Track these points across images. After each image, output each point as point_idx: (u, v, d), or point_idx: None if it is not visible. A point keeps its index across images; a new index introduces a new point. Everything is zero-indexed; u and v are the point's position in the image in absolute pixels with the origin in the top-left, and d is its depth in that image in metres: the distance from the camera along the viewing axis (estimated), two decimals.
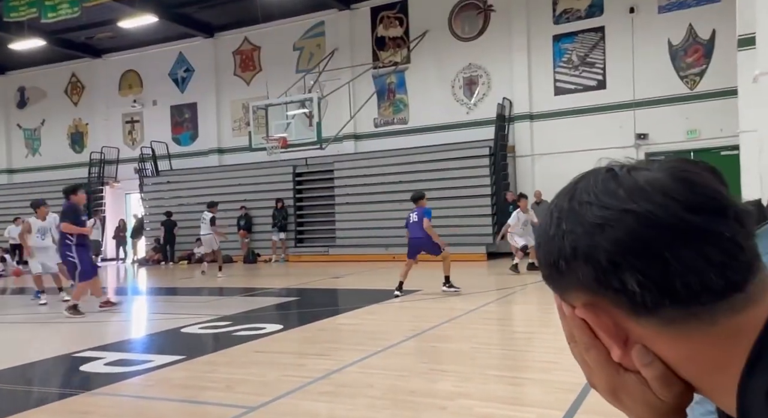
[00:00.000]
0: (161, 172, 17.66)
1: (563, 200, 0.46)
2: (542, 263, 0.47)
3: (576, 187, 0.46)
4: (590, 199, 0.44)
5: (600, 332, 0.45)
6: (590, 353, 0.46)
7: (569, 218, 0.44)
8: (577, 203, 0.45)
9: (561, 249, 0.44)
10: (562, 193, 0.47)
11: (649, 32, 12.84)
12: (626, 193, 0.43)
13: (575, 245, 0.43)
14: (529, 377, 3.88)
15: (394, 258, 13.45)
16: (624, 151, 12.72)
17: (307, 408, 3.34)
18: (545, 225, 0.47)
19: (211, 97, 17.58)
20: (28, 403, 3.75)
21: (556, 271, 0.45)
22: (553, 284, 0.47)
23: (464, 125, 14.47)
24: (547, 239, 0.46)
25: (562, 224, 0.45)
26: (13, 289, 11.39)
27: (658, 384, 0.43)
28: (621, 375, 0.45)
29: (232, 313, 6.83)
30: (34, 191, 19.09)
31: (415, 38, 15.02)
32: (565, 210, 0.45)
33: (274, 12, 15.02)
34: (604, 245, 0.42)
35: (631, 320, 0.43)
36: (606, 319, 0.44)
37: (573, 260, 0.43)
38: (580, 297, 0.45)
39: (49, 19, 13.25)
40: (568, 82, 13.68)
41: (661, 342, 0.43)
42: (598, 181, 0.45)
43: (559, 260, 0.45)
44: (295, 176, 15.82)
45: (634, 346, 0.44)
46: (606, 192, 0.44)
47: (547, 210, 0.48)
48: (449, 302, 7.09)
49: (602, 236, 0.42)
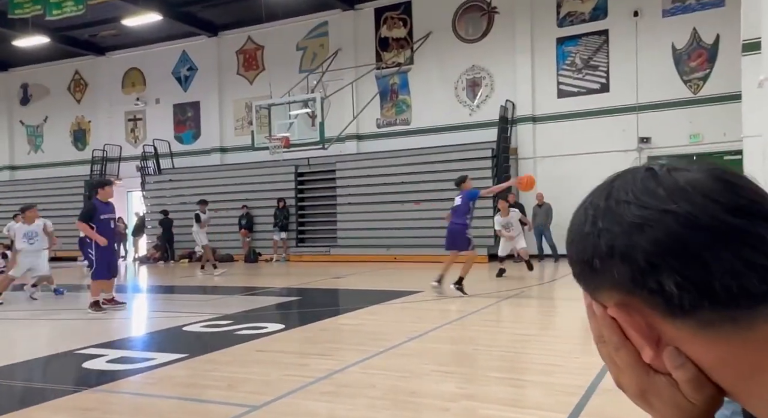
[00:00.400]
0: (163, 171, 17.67)
1: (599, 198, 0.46)
2: (574, 260, 0.47)
3: (612, 186, 0.46)
4: (628, 198, 0.43)
5: (632, 332, 0.44)
6: (620, 354, 0.45)
7: (606, 217, 0.44)
8: (614, 202, 0.44)
9: (596, 247, 0.44)
10: (597, 190, 0.47)
11: (652, 36, 12.84)
12: (666, 194, 0.42)
13: (612, 244, 0.43)
14: (531, 379, 3.88)
15: (396, 259, 13.47)
16: (626, 154, 12.73)
17: (309, 408, 3.34)
18: (579, 223, 0.46)
19: (213, 96, 17.59)
20: (30, 399, 3.75)
21: (589, 269, 0.45)
22: (585, 282, 0.46)
23: (467, 127, 14.47)
24: (582, 236, 0.45)
25: (597, 222, 0.44)
26: (14, 285, 11.39)
27: (689, 387, 0.43)
28: (651, 377, 0.45)
29: (233, 312, 6.83)
30: (36, 188, 19.14)
31: (418, 39, 15.02)
32: (602, 208, 0.45)
33: (278, 11, 15.04)
34: (642, 245, 0.42)
35: (665, 321, 0.42)
36: (639, 319, 0.43)
37: (609, 258, 0.43)
38: (613, 296, 0.44)
39: (53, 17, 13.27)
40: (572, 85, 13.68)
41: (696, 345, 0.42)
42: (637, 180, 0.44)
43: (594, 258, 0.44)
44: (297, 176, 15.83)
45: (666, 348, 0.43)
46: (645, 191, 0.43)
47: (581, 207, 0.48)
48: (451, 303, 7.08)
49: (641, 235, 0.42)
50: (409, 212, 13.91)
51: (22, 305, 8.39)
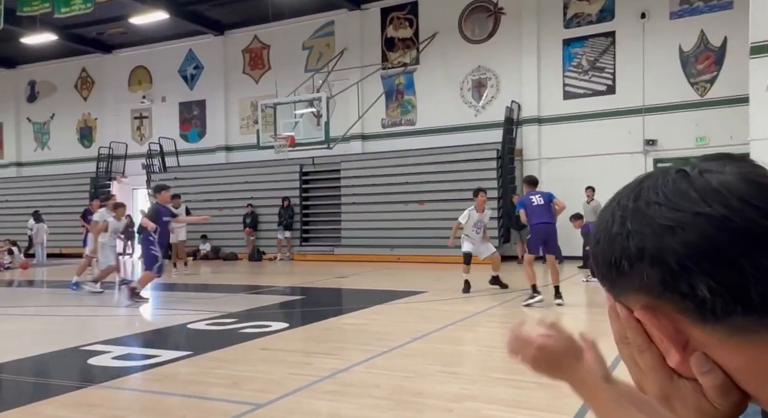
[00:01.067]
0: (168, 169, 17.72)
1: (627, 199, 0.45)
2: (600, 261, 0.46)
3: (642, 186, 0.45)
4: (659, 199, 0.43)
5: (658, 336, 0.43)
6: (644, 357, 0.45)
7: (635, 218, 0.43)
8: (644, 203, 0.43)
9: (625, 249, 0.43)
10: (625, 191, 0.46)
11: (660, 38, 12.80)
12: (699, 196, 0.41)
13: (642, 246, 0.42)
14: (535, 380, 3.87)
15: (399, 259, 13.47)
16: (632, 157, 12.69)
17: (313, 407, 3.35)
18: (606, 223, 0.45)
19: (219, 95, 17.64)
20: (36, 395, 3.78)
21: (616, 271, 0.44)
22: (611, 284, 0.45)
23: (472, 128, 14.45)
24: (609, 237, 0.44)
25: (626, 223, 0.43)
26: (20, 281, 11.46)
27: (715, 393, 0.42)
28: (674, 381, 0.44)
29: (237, 310, 6.85)
30: (43, 185, 19.23)
31: (424, 40, 15.02)
32: (631, 209, 0.44)
33: (285, 11, 15.06)
34: (674, 248, 0.41)
35: (695, 326, 0.42)
36: (667, 323, 0.43)
37: (638, 261, 0.42)
38: (640, 299, 0.43)
39: (62, 14, 13.32)
40: (578, 86, 13.65)
41: (725, 351, 0.41)
42: (668, 181, 0.43)
43: (622, 260, 0.43)
44: (302, 175, 15.85)
45: (694, 353, 0.42)
46: (677, 193, 0.42)
47: (607, 208, 0.47)
48: (455, 304, 7.08)
49: (673, 238, 0.41)
50: (414, 213, 13.90)
51: (29, 301, 8.44)
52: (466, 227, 7.95)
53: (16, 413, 3.29)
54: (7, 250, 14.43)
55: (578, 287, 8.53)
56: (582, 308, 7.10)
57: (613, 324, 0.47)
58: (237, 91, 17.43)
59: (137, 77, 18.99)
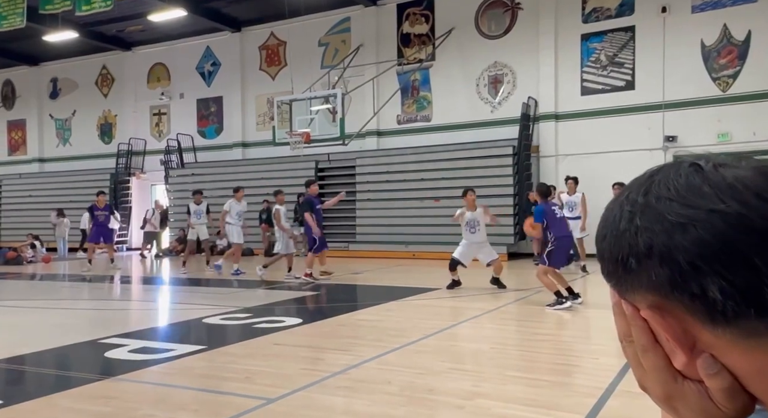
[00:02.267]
0: (186, 165, 17.93)
1: (637, 193, 0.43)
2: (606, 258, 0.44)
3: (653, 180, 0.43)
4: (670, 194, 0.41)
5: (664, 336, 0.42)
6: (648, 356, 0.43)
7: (645, 214, 0.41)
8: (655, 198, 0.41)
9: (633, 246, 0.41)
10: (635, 185, 0.44)
11: (681, 32, 12.56)
12: (713, 191, 0.39)
13: (651, 243, 0.40)
14: (548, 379, 3.84)
15: (414, 256, 13.46)
16: (651, 153, 12.49)
17: (325, 402, 3.36)
18: (614, 218, 0.43)
19: (236, 91, 17.76)
20: (54, 386, 3.85)
21: (623, 268, 0.42)
22: (617, 281, 0.44)
23: (488, 124, 14.35)
24: (617, 233, 0.43)
25: (635, 219, 0.41)
26: (42, 275, 11.71)
27: (722, 396, 0.41)
28: (679, 383, 0.42)
29: (252, 305, 6.91)
30: (64, 180, 19.59)
31: (440, 35, 14.94)
32: (640, 204, 0.42)
33: (301, 7, 15.09)
34: (685, 246, 0.39)
35: (703, 327, 0.40)
36: (674, 323, 0.41)
37: (646, 258, 0.40)
38: (647, 298, 0.42)
39: (82, 12, 13.52)
40: (596, 82, 13.47)
41: (734, 353, 0.40)
42: (680, 175, 0.41)
43: (629, 257, 0.41)
44: (318, 171, 15.90)
45: (701, 354, 0.41)
46: (689, 188, 0.40)
47: (615, 202, 0.45)
48: (469, 301, 7.05)
49: (684, 236, 0.39)
50: (429, 209, 13.87)
51: (50, 294, 8.61)
52: (462, 226, 7.82)
53: (36, 404, 3.37)
54: (30, 244, 14.74)
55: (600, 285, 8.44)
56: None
57: (617, 321, 0.46)
58: (253, 87, 17.54)
59: (156, 74, 19.22)
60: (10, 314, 7.01)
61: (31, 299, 8.03)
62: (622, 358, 4.04)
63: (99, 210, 11.81)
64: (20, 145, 21.79)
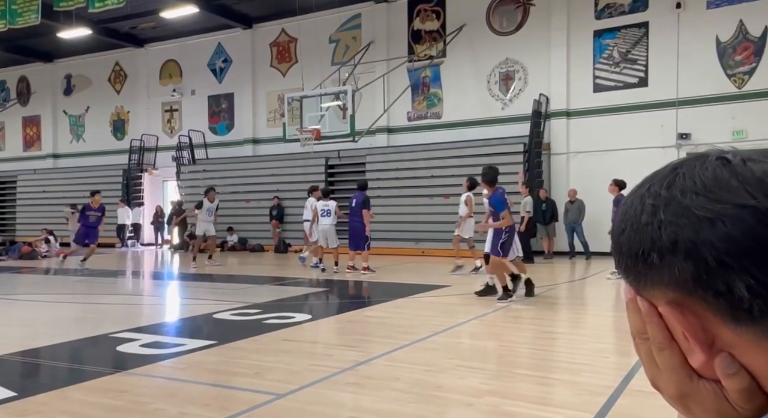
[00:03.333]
0: (197, 161, 18.04)
1: (660, 186, 0.41)
2: (624, 252, 0.43)
3: (677, 173, 0.41)
4: (696, 188, 0.39)
5: (685, 333, 0.40)
6: (663, 355, 0.42)
7: (669, 207, 0.40)
8: (680, 191, 0.40)
9: (655, 240, 0.40)
10: (656, 178, 0.43)
11: (695, 28, 12.40)
12: (742, 186, 0.38)
13: (675, 238, 0.39)
14: (557, 377, 3.83)
15: (424, 253, 13.44)
16: (664, 151, 12.37)
17: (334, 398, 3.37)
18: (634, 211, 0.42)
19: (247, 88, 17.83)
20: (67, 380, 3.91)
21: (643, 263, 0.41)
22: (635, 276, 0.42)
23: (499, 121, 14.29)
24: (638, 227, 0.41)
25: (659, 213, 0.40)
26: (56, 269, 11.85)
27: (739, 396, 0.40)
28: (694, 382, 0.41)
29: (262, 301, 6.95)
30: (78, 176, 19.80)
31: (451, 32, 14.88)
32: (664, 198, 0.40)
33: (312, 4, 15.10)
34: (712, 242, 0.37)
35: (725, 325, 0.39)
36: (693, 321, 0.40)
37: (670, 254, 0.39)
38: (666, 294, 0.41)
39: (96, 9, 13.63)
40: (608, 78, 13.35)
41: (755, 353, 0.39)
42: (707, 168, 0.40)
43: (651, 252, 0.40)
44: (328, 168, 15.93)
45: (719, 353, 0.40)
46: (717, 182, 0.39)
47: (635, 195, 0.43)
48: (478, 299, 7.04)
49: (711, 231, 0.38)
50: (439, 206, 13.84)
51: (64, 289, 8.72)
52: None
53: (49, 397, 3.41)
54: (44, 239, 14.93)
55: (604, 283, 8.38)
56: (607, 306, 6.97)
57: (631, 318, 0.44)
58: (264, 84, 17.60)
59: (168, 71, 19.34)
60: (25, 307, 7.11)
61: (45, 293, 8.13)
62: (633, 357, 4.01)
63: (92, 210, 11.26)
64: (35, 141, 22.05)
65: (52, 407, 3.22)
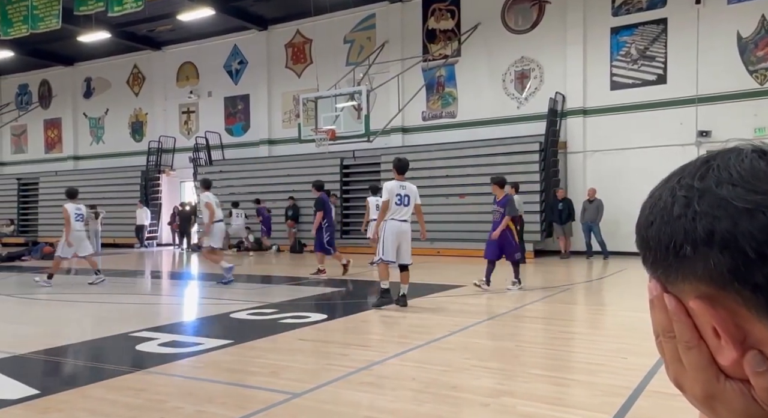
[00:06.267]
0: (214, 162, 18.22)
1: (692, 178, 0.40)
2: (651, 245, 0.41)
3: (710, 165, 0.41)
4: (733, 179, 0.38)
5: (712, 330, 0.39)
6: (690, 354, 0.41)
7: (704, 199, 0.39)
8: (715, 182, 0.39)
9: (689, 232, 0.39)
10: (686, 171, 0.42)
11: (716, 24, 12.19)
12: None
13: (712, 229, 0.38)
14: (574, 378, 3.79)
15: (439, 252, 13.40)
16: (683, 149, 12.18)
17: (349, 398, 3.38)
18: (665, 204, 0.41)
19: (263, 89, 17.96)
20: (88, 378, 3.97)
21: (674, 256, 0.40)
22: (663, 269, 0.41)
23: (514, 120, 14.20)
24: (669, 219, 0.40)
25: (693, 204, 0.39)
26: (77, 269, 12.05)
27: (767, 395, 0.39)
28: (721, 382, 0.40)
29: (278, 301, 6.99)
30: (98, 177, 20.12)
31: (466, 31, 14.82)
32: (698, 189, 0.39)
33: (326, 5, 15.16)
34: (752, 233, 0.36)
35: (759, 321, 0.38)
36: (726, 316, 0.39)
37: (705, 246, 0.38)
38: (698, 288, 0.39)
39: (115, 13, 13.85)
40: (626, 76, 13.18)
41: None
42: (743, 159, 0.40)
43: (684, 244, 0.39)
44: (343, 168, 15.97)
45: (749, 351, 0.39)
46: (754, 173, 0.38)
47: (663, 188, 0.42)
48: (494, 299, 7.00)
49: (751, 222, 0.37)
50: (454, 206, 13.80)
51: (85, 288, 8.86)
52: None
53: (70, 395, 3.47)
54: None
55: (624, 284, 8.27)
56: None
57: (656, 315, 0.43)
58: (280, 85, 17.70)
59: (185, 73, 19.57)
60: (47, 307, 7.24)
61: (66, 293, 8.28)
62: (652, 357, 3.95)
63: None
64: (56, 144, 22.46)
65: (73, 405, 3.27)
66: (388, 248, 6.32)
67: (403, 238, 6.45)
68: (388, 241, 6.32)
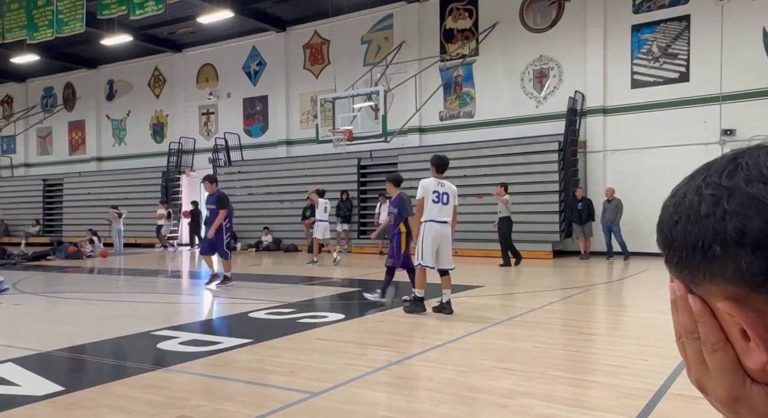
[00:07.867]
0: (233, 163, 18.41)
1: (719, 177, 0.39)
2: (677, 245, 0.40)
3: (737, 163, 0.40)
4: (764, 177, 0.38)
5: (748, 332, 0.38)
6: (716, 356, 0.40)
7: (733, 197, 0.38)
8: (744, 181, 0.38)
9: (719, 232, 0.38)
10: (714, 169, 0.41)
11: (740, 20, 11.94)
12: None
13: (743, 229, 0.37)
14: (594, 379, 3.75)
15: (456, 253, 13.32)
16: (706, 147, 11.96)
17: (367, 397, 3.39)
18: (690, 203, 0.40)
19: (281, 90, 18.09)
20: (111, 375, 4.05)
21: (702, 256, 0.39)
22: (690, 270, 0.40)
23: (533, 119, 14.08)
24: (696, 218, 0.39)
25: (722, 203, 0.38)
26: (100, 269, 12.28)
27: None
28: (747, 386, 0.39)
29: (296, 300, 7.04)
30: (120, 178, 20.49)
31: (484, 30, 14.74)
32: (726, 187, 0.38)
33: (344, 5, 15.21)
34: None
35: None
36: (756, 318, 0.38)
37: (736, 245, 0.37)
38: (727, 289, 0.38)
39: (136, 16, 14.09)
40: (647, 74, 12.98)
41: None
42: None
43: (713, 244, 0.38)
44: (360, 168, 16.01)
45: None
46: None
47: (687, 187, 0.41)
48: (512, 299, 6.96)
49: None
50: (471, 206, 13.74)
51: (108, 287, 9.03)
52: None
53: (93, 392, 3.54)
54: (89, 239, 15.49)
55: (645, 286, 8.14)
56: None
57: (680, 317, 0.42)
58: (298, 86, 17.82)
59: (204, 74, 19.81)
60: (71, 305, 7.40)
61: (90, 292, 8.44)
62: (673, 359, 3.89)
63: None
64: (80, 145, 22.91)
65: (96, 402, 3.34)
66: (426, 252, 5.98)
67: (443, 241, 6.10)
68: (426, 244, 5.98)
